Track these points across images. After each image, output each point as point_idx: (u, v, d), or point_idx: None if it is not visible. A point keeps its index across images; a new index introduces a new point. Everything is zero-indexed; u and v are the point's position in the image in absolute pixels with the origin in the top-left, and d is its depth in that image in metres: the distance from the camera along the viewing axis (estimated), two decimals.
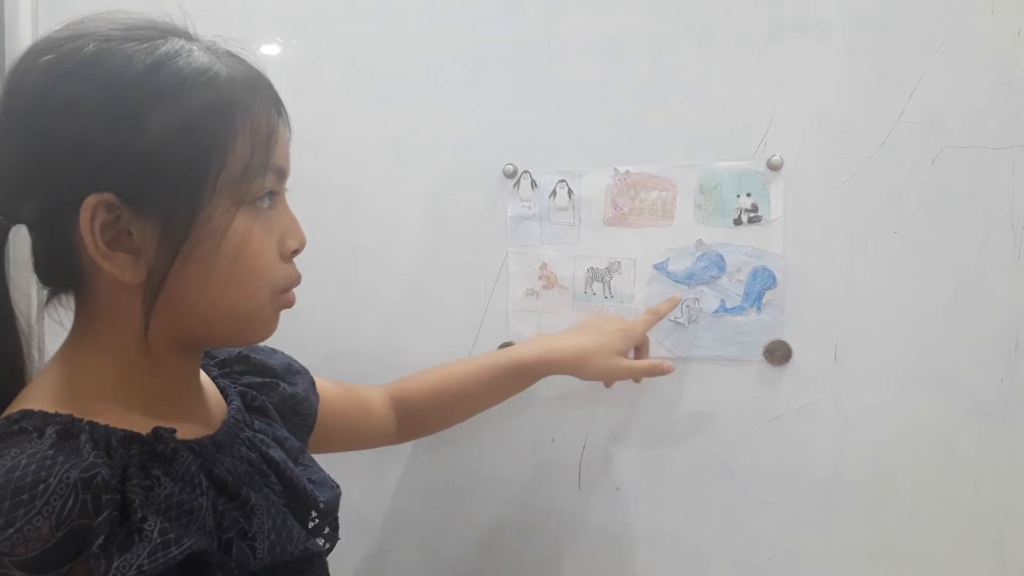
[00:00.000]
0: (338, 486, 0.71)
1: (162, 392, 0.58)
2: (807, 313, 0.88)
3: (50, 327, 0.59)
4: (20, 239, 0.55)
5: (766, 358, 0.89)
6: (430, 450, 1.01)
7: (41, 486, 0.44)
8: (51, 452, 0.46)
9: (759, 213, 0.88)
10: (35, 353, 0.57)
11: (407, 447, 1.01)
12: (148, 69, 0.51)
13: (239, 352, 0.74)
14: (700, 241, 0.90)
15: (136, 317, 0.54)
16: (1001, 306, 0.82)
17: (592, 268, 0.94)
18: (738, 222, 0.89)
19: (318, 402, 0.79)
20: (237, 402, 0.67)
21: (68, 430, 0.48)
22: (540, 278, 0.96)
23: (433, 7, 0.97)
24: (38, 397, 0.52)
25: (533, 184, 0.95)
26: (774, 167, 0.87)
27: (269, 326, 0.61)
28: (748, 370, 0.90)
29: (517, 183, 0.96)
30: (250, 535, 0.56)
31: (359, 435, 0.87)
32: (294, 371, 0.78)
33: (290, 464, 0.66)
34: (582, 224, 0.94)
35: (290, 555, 0.59)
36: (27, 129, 0.52)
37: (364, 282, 1.02)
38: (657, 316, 0.90)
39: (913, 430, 0.85)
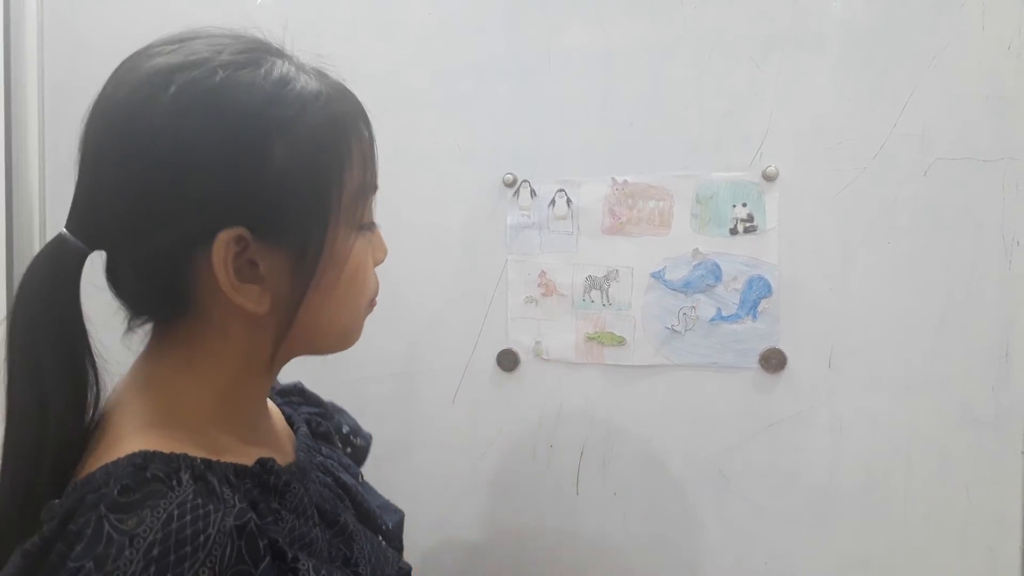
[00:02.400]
0: (400, 510, 0.71)
1: (249, 419, 0.57)
2: (802, 321, 0.89)
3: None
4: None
5: (761, 366, 0.90)
6: (428, 456, 1.02)
7: (201, 537, 0.43)
8: (199, 501, 0.44)
9: (755, 223, 0.89)
10: (104, 379, 0.54)
11: (403, 452, 1.02)
12: (270, 99, 0.49)
13: (294, 384, 0.75)
14: (696, 250, 0.91)
15: (247, 344, 0.53)
16: (992, 315, 0.84)
17: (590, 276, 0.95)
18: (734, 232, 0.90)
19: (370, 438, 0.80)
20: (304, 428, 0.67)
21: (195, 473, 0.47)
22: (539, 286, 0.97)
23: (434, 19, 0.98)
24: (140, 432, 0.50)
25: (532, 193, 0.96)
26: (769, 178, 0.88)
27: (360, 332, 0.61)
28: (744, 377, 0.91)
29: (516, 192, 0.97)
30: (353, 561, 0.56)
31: None
32: (339, 409, 0.79)
33: (360, 488, 0.66)
34: (580, 233, 0.95)
35: None
36: (150, 165, 0.48)
37: None
38: None
39: (906, 437, 0.87)
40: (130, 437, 0.49)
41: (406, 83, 1.00)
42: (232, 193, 0.48)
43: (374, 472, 1.02)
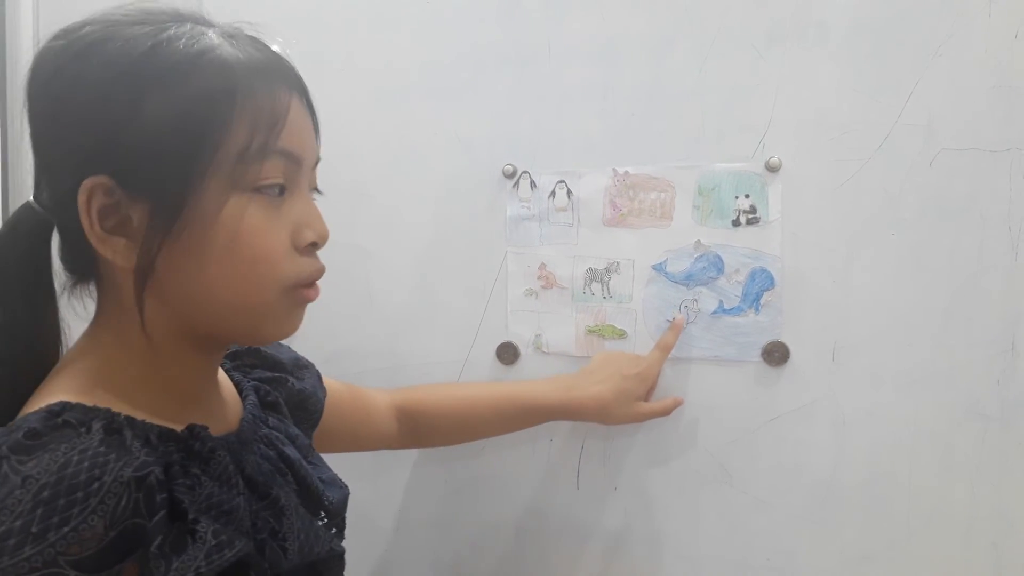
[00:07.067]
0: (346, 486, 0.71)
1: (183, 388, 0.57)
2: (805, 314, 0.88)
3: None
4: None
5: (764, 359, 0.89)
6: (429, 451, 1.01)
7: (96, 484, 0.43)
8: (102, 449, 0.45)
9: (757, 214, 0.88)
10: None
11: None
12: (148, 51, 0.51)
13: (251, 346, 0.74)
14: (699, 242, 0.90)
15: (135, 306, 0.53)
16: (998, 308, 0.82)
17: (591, 268, 0.94)
18: (736, 223, 0.89)
19: (325, 397, 0.79)
20: (253, 398, 0.67)
21: (111, 425, 0.47)
22: (539, 278, 0.96)
23: (432, 8, 0.97)
24: (68, 388, 0.51)
25: (532, 184, 0.95)
26: (772, 169, 0.87)
27: (285, 323, 0.58)
28: (746, 371, 0.90)
29: (516, 183, 0.96)
30: (280, 535, 0.56)
31: (359, 437, 0.87)
32: (302, 365, 0.78)
33: (304, 463, 0.66)
34: (581, 225, 0.94)
35: (316, 555, 0.59)
36: (39, 114, 0.53)
37: (364, 282, 1.02)
38: (667, 350, 0.90)
39: (910, 431, 0.85)
40: (55, 391, 0.50)
41: (403, 73, 0.99)
42: (98, 141, 0.50)
43: (373, 465, 1.02)
